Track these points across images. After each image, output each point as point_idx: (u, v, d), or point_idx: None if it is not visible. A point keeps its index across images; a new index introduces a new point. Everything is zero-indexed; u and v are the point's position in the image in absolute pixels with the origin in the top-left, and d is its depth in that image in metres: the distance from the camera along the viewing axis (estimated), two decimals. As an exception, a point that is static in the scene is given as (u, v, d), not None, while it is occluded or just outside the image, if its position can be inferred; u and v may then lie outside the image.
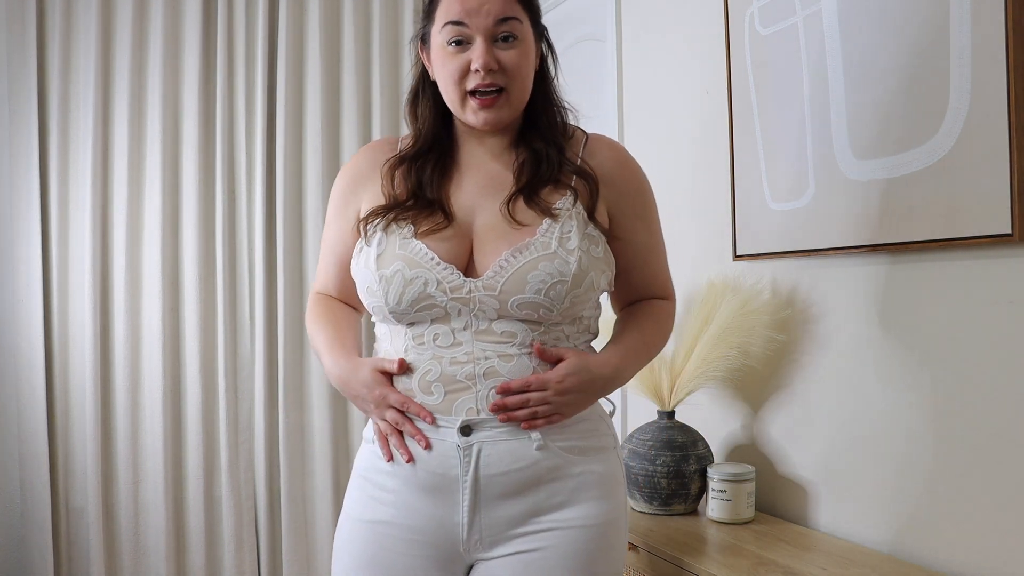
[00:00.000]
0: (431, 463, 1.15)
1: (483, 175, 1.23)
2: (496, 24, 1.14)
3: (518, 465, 1.14)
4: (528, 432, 1.14)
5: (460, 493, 1.15)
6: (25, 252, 2.49)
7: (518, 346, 1.14)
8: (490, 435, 1.14)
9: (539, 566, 1.14)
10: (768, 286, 1.75)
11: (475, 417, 1.14)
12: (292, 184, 2.75)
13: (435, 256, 1.15)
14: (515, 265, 1.13)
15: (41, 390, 2.48)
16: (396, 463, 1.18)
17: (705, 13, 1.92)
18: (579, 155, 1.24)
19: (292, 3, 2.75)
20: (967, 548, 1.34)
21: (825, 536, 1.57)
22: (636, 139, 2.21)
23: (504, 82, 1.16)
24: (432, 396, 1.15)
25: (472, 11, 1.13)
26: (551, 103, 1.26)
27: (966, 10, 1.28)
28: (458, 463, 1.14)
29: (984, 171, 1.26)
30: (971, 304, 1.33)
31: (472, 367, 1.14)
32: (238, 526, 2.67)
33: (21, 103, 2.49)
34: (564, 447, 1.16)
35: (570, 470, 1.16)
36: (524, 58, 1.18)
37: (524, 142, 1.23)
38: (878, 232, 1.45)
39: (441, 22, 1.16)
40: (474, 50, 1.14)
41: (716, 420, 1.90)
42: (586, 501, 1.16)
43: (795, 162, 1.63)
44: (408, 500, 1.17)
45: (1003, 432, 1.28)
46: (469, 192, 1.21)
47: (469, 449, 1.14)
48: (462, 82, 1.16)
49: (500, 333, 1.14)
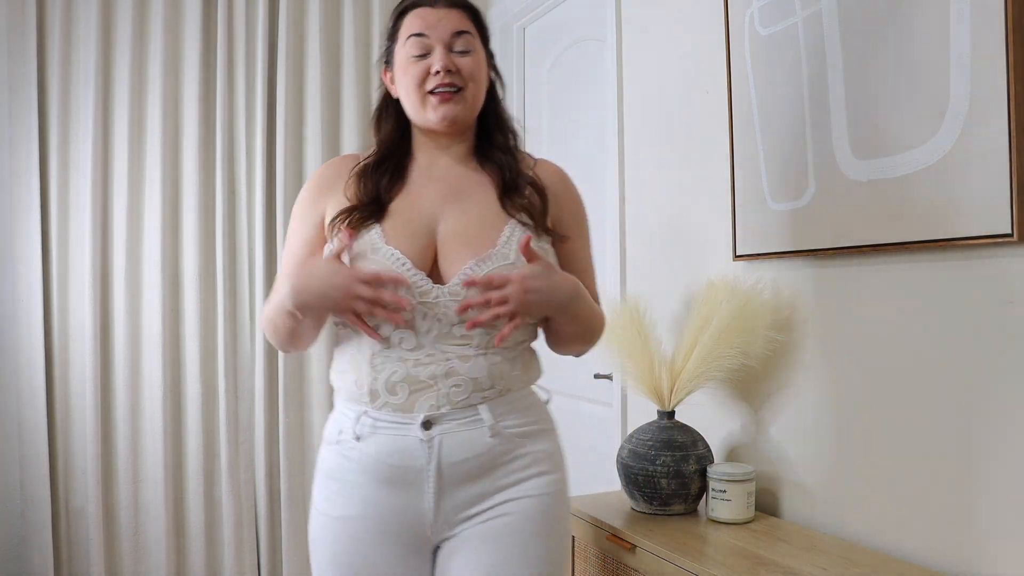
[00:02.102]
0: (396, 459, 1.25)
1: (443, 184, 1.34)
2: (452, 36, 1.30)
3: (475, 452, 1.26)
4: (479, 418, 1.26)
5: (426, 482, 1.25)
6: (25, 252, 2.50)
7: (475, 348, 1.25)
8: (448, 427, 1.25)
9: (498, 533, 1.27)
10: (768, 286, 1.75)
11: (435, 412, 1.24)
12: (292, 184, 2.75)
13: (408, 261, 1.24)
14: (479, 274, 1.24)
15: (41, 390, 2.48)
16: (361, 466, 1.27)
17: (705, 13, 1.92)
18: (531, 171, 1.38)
19: (292, 3, 2.75)
20: (967, 548, 1.34)
21: (825, 536, 1.57)
22: (636, 139, 2.21)
23: (461, 83, 1.30)
24: (396, 396, 1.25)
25: (432, 24, 1.29)
26: (503, 121, 1.41)
27: (966, 10, 1.28)
28: (422, 455, 1.25)
29: (984, 171, 1.26)
30: (971, 304, 1.33)
31: (435, 368, 1.24)
32: (238, 526, 2.67)
33: (21, 103, 2.49)
34: (513, 432, 1.29)
35: (520, 451, 1.30)
36: (478, 66, 1.32)
37: (481, 155, 1.38)
38: (878, 232, 1.45)
39: (405, 36, 1.31)
40: (434, 56, 1.29)
41: (716, 420, 1.90)
42: (537, 476, 1.30)
43: (795, 162, 1.63)
44: (376, 494, 1.27)
45: (1003, 432, 1.28)
46: (431, 200, 1.32)
47: (431, 441, 1.25)
48: (423, 84, 1.29)
49: (460, 336, 1.25)
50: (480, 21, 1.36)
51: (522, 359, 1.33)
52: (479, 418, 1.26)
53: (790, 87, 1.64)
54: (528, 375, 1.35)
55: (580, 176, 2.57)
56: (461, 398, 1.25)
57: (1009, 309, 1.27)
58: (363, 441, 1.28)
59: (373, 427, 1.27)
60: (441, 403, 1.25)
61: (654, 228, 2.14)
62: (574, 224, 1.40)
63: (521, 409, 1.32)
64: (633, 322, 1.83)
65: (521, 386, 1.33)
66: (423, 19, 1.30)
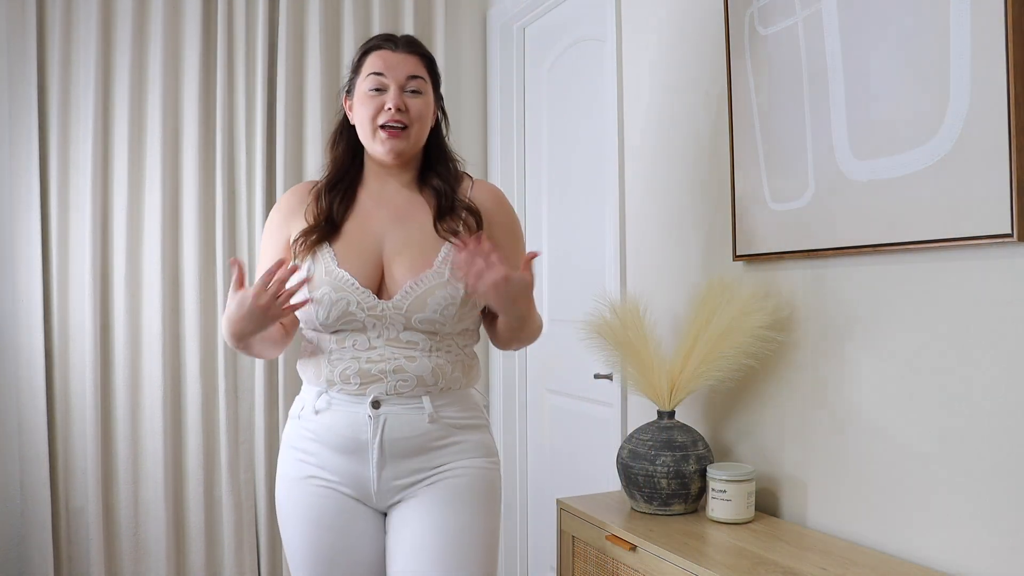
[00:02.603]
0: (346, 431, 1.46)
1: (391, 207, 1.54)
2: (407, 79, 1.50)
3: (414, 433, 1.46)
4: (421, 406, 1.47)
5: (370, 452, 1.46)
6: (25, 252, 2.50)
7: (419, 350, 1.47)
8: (393, 409, 1.46)
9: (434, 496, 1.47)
10: (768, 286, 1.75)
11: (383, 396, 1.46)
12: (292, 184, 2.75)
13: (355, 281, 1.46)
14: (417, 291, 1.45)
15: (41, 390, 2.48)
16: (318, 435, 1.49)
17: (705, 13, 1.92)
18: (467, 195, 1.57)
19: (292, 3, 2.75)
20: (967, 548, 1.34)
21: (825, 536, 1.58)
22: (636, 139, 2.21)
23: (408, 121, 1.49)
24: (350, 384, 1.46)
25: (391, 66, 1.49)
26: (444, 154, 1.60)
27: (966, 10, 1.28)
28: (368, 430, 1.45)
29: (984, 171, 1.26)
30: (971, 304, 1.33)
31: (384, 365, 1.46)
32: (238, 526, 2.67)
33: (21, 103, 2.49)
34: (449, 422, 1.49)
35: (453, 439, 1.50)
36: (426, 107, 1.52)
37: (423, 182, 1.57)
38: (878, 232, 1.46)
39: (366, 73, 1.51)
40: (388, 94, 1.48)
41: (716, 420, 1.90)
42: (471, 458, 1.51)
43: (795, 162, 1.63)
44: (329, 459, 1.49)
45: (1003, 432, 1.28)
46: (379, 221, 1.52)
47: (377, 419, 1.46)
48: (376, 118, 1.49)
49: (405, 341, 1.47)
50: (433, 69, 1.57)
51: (463, 363, 1.53)
52: (421, 406, 1.47)
53: (790, 87, 1.64)
54: (467, 377, 1.54)
55: (580, 176, 2.58)
56: (406, 390, 1.46)
57: (1009, 309, 1.27)
58: (320, 415, 1.49)
59: (329, 403, 1.48)
60: (389, 392, 1.46)
61: (654, 228, 2.14)
62: (508, 239, 1.58)
63: (459, 405, 1.52)
64: (633, 322, 1.83)
65: (461, 386, 1.52)
66: (384, 60, 1.50)
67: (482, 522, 1.49)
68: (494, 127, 3.00)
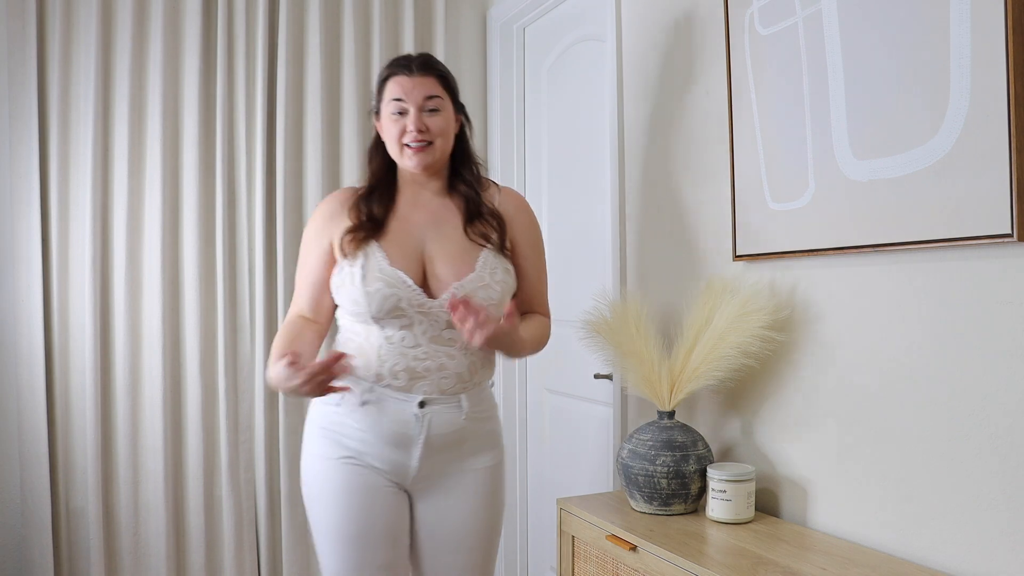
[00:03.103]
0: (395, 426, 1.64)
1: (427, 212, 1.72)
2: (424, 100, 1.66)
3: (453, 428, 1.67)
4: (459, 404, 1.67)
5: (415, 446, 1.65)
6: (25, 252, 2.50)
7: (458, 348, 1.65)
8: (437, 409, 1.65)
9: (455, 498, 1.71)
10: (768, 286, 1.75)
11: (429, 396, 1.64)
12: (292, 184, 2.75)
13: (408, 280, 1.62)
14: (462, 292, 1.61)
15: (41, 390, 2.48)
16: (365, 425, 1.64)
17: (705, 13, 1.92)
18: (493, 201, 1.75)
19: (292, 3, 2.75)
20: (967, 548, 1.34)
21: (825, 536, 1.58)
22: (636, 139, 2.21)
23: (430, 138, 1.66)
24: (398, 380, 1.63)
25: (408, 91, 1.66)
26: (470, 159, 1.77)
27: (966, 10, 1.28)
28: (415, 426, 1.64)
29: (984, 171, 1.26)
30: (971, 304, 1.33)
31: (429, 363, 1.63)
32: (238, 526, 2.67)
33: (21, 103, 2.49)
34: (476, 416, 1.71)
35: (479, 430, 1.72)
36: (446, 123, 1.69)
37: (453, 188, 1.74)
38: (878, 232, 1.46)
39: (388, 99, 1.68)
40: (409, 117, 1.65)
41: (716, 420, 1.90)
42: (487, 450, 1.74)
43: (795, 162, 1.63)
44: (373, 445, 1.65)
45: (1003, 432, 1.28)
46: (418, 225, 1.70)
47: (423, 417, 1.64)
48: (401, 138, 1.67)
49: (447, 338, 1.64)
50: (449, 84, 1.71)
51: (488, 360, 1.74)
52: (459, 405, 1.67)
53: (790, 87, 1.64)
54: (490, 371, 1.76)
55: (580, 175, 2.58)
56: (448, 387, 1.65)
57: (1009, 309, 1.27)
58: (367, 406, 1.64)
59: (379, 397, 1.64)
60: (433, 390, 1.64)
61: (654, 228, 2.14)
62: (528, 244, 1.77)
63: (482, 399, 1.73)
64: (633, 322, 1.83)
65: (485, 379, 1.74)
66: (401, 86, 1.66)
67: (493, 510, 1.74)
68: (494, 127, 3.00)
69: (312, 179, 2.75)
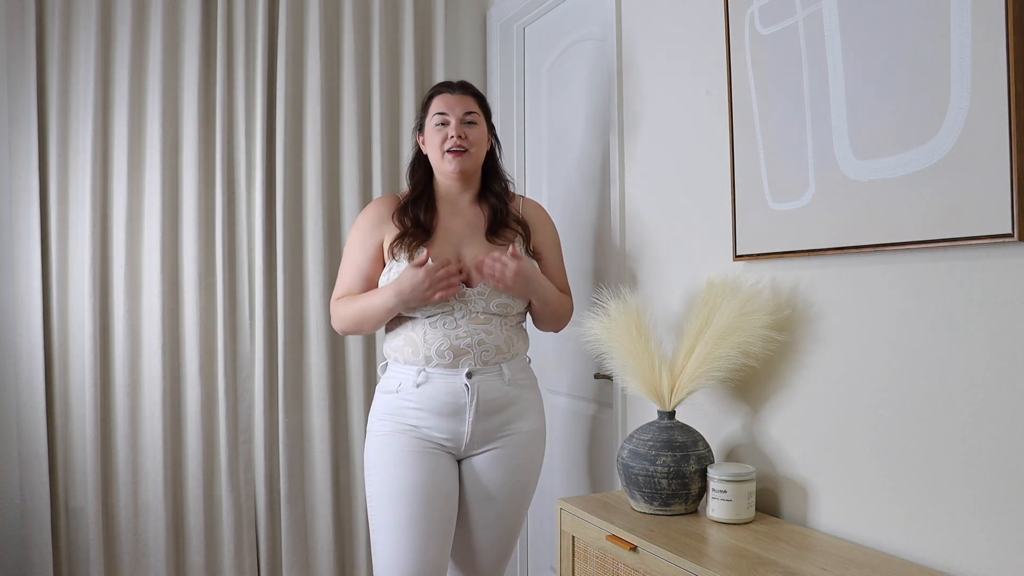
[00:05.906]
0: (448, 397, 1.93)
1: (463, 219, 2.06)
2: (464, 113, 2.02)
3: (499, 395, 1.97)
4: (502, 373, 1.97)
5: (467, 413, 1.95)
6: (25, 252, 2.49)
7: (494, 325, 1.97)
8: (482, 377, 1.96)
9: (502, 455, 2.00)
10: (768, 286, 1.75)
11: (474, 367, 1.94)
12: (292, 184, 2.75)
13: None
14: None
15: (41, 390, 2.48)
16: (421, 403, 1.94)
17: (705, 13, 1.92)
18: (519, 211, 2.11)
19: (292, 3, 2.75)
20: (967, 548, 1.34)
21: (825, 536, 1.57)
22: (636, 139, 2.21)
23: (468, 145, 2.00)
24: (444, 358, 1.93)
25: (450, 106, 2.02)
26: (499, 175, 2.12)
27: (966, 10, 1.28)
28: (466, 395, 1.94)
29: (984, 171, 1.26)
30: (971, 304, 1.33)
31: (469, 339, 1.94)
32: (238, 526, 2.67)
33: (21, 103, 2.49)
34: (520, 383, 2.02)
35: (522, 396, 2.02)
36: (480, 135, 2.04)
37: (483, 199, 2.08)
38: (879, 232, 1.45)
39: (433, 112, 2.04)
40: (451, 127, 2.00)
41: (716, 420, 1.90)
42: (530, 416, 2.04)
43: (795, 162, 1.63)
44: (430, 419, 1.95)
45: (1002, 432, 1.28)
46: (455, 231, 2.03)
47: (472, 386, 1.94)
48: (443, 144, 2.00)
49: (484, 319, 1.96)
50: (484, 104, 2.08)
51: (522, 334, 2.06)
52: (502, 372, 1.98)
53: (790, 87, 1.64)
54: (525, 344, 2.06)
55: (580, 176, 2.57)
56: (490, 358, 1.95)
57: (1009, 309, 1.27)
58: (421, 387, 1.94)
59: (428, 377, 1.94)
60: (477, 362, 1.94)
61: (654, 228, 2.14)
62: (549, 245, 2.13)
63: (522, 368, 2.04)
64: (633, 322, 1.83)
65: (522, 351, 2.04)
66: (445, 102, 2.02)
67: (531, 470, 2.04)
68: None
69: (312, 179, 2.75)
